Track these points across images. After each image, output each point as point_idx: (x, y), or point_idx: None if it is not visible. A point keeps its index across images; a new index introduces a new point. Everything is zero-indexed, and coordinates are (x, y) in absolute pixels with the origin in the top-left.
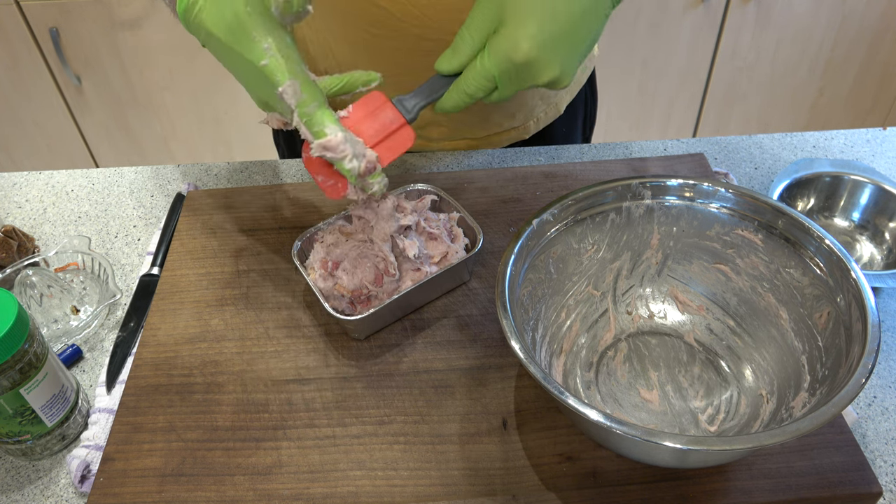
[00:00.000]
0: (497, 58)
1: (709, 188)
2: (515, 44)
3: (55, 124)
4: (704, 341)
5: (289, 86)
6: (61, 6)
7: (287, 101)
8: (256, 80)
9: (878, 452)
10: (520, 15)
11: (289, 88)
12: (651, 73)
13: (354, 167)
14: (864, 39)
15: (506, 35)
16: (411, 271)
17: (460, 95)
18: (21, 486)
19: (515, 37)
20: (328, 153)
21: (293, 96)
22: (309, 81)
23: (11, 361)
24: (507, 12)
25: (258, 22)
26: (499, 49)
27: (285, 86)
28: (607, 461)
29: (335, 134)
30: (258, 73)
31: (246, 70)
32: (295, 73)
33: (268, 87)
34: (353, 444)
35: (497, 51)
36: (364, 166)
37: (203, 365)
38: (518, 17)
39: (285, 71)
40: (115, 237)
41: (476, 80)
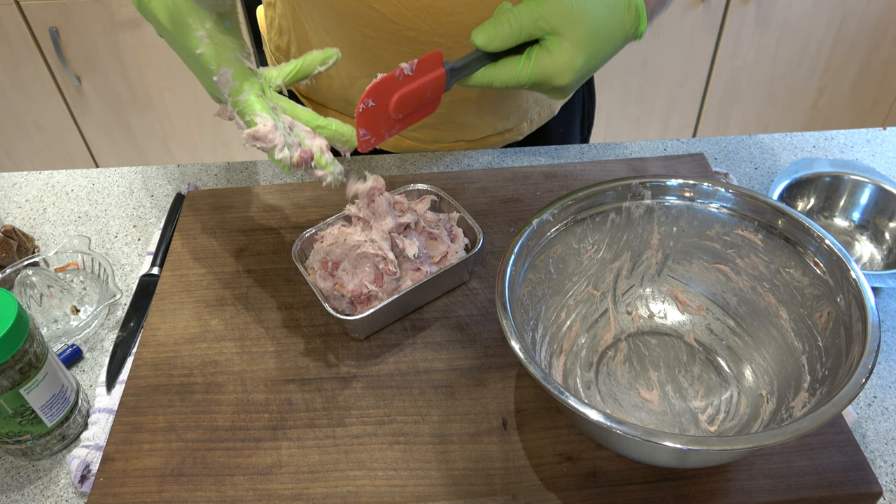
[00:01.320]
0: (539, 75)
1: (709, 188)
2: (562, 71)
3: (55, 124)
4: (704, 341)
5: (223, 73)
6: (61, 6)
7: (222, 90)
8: (198, 69)
9: (878, 452)
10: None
11: (222, 76)
12: (651, 73)
13: (285, 157)
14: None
15: (556, 59)
16: (411, 271)
17: (484, 82)
18: (21, 486)
19: (564, 65)
20: (258, 143)
21: (226, 85)
22: (243, 69)
23: (11, 361)
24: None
25: (194, 9)
26: (545, 68)
27: (220, 73)
28: (607, 461)
29: (264, 123)
30: (198, 64)
31: (189, 60)
32: (228, 61)
33: (208, 76)
34: (353, 444)
35: (542, 69)
36: (298, 156)
37: (203, 365)
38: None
39: (219, 59)
40: (115, 237)
41: (509, 80)
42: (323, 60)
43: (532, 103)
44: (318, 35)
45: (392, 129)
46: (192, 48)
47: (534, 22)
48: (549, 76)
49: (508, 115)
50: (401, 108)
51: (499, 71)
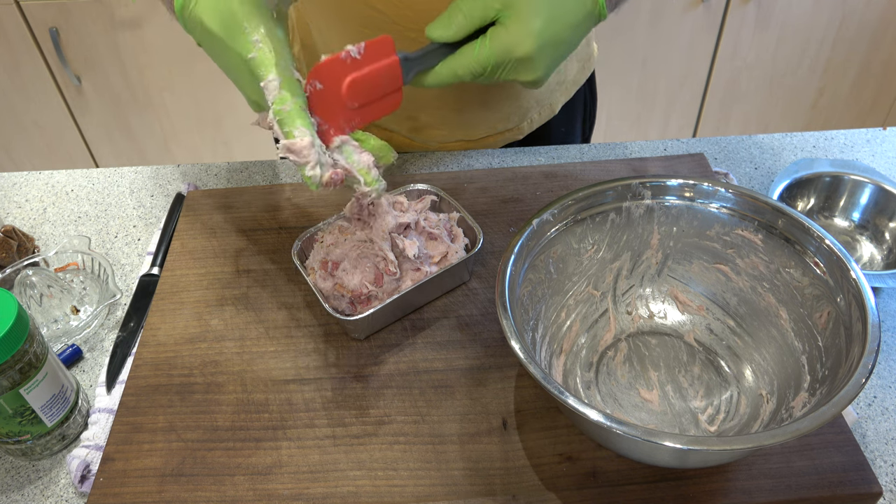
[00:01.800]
0: (497, 49)
1: (709, 188)
2: (519, 40)
3: (55, 124)
4: (704, 341)
5: (270, 80)
6: (61, 6)
7: (267, 96)
8: (245, 75)
9: (878, 452)
10: (527, 11)
11: (270, 84)
12: (651, 73)
13: (315, 175)
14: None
15: (511, 29)
16: (411, 271)
17: (448, 74)
18: (21, 486)
19: (520, 33)
20: (292, 156)
21: (272, 91)
22: (292, 80)
23: (11, 361)
24: (513, 7)
25: (251, 14)
26: (502, 42)
27: (267, 80)
28: (607, 461)
29: (302, 137)
30: (246, 69)
31: (236, 66)
32: (280, 69)
33: (255, 83)
34: (353, 444)
35: (499, 43)
36: (328, 177)
37: (203, 365)
38: (525, 13)
39: (270, 65)
40: (115, 237)
41: (470, 65)
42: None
43: (533, 103)
44: (322, 34)
45: (352, 120)
46: (245, 52)
47: (484, 2)
48: (508, 48)
49: (509, 115)
50: (355, 95)
51: (459, 59)
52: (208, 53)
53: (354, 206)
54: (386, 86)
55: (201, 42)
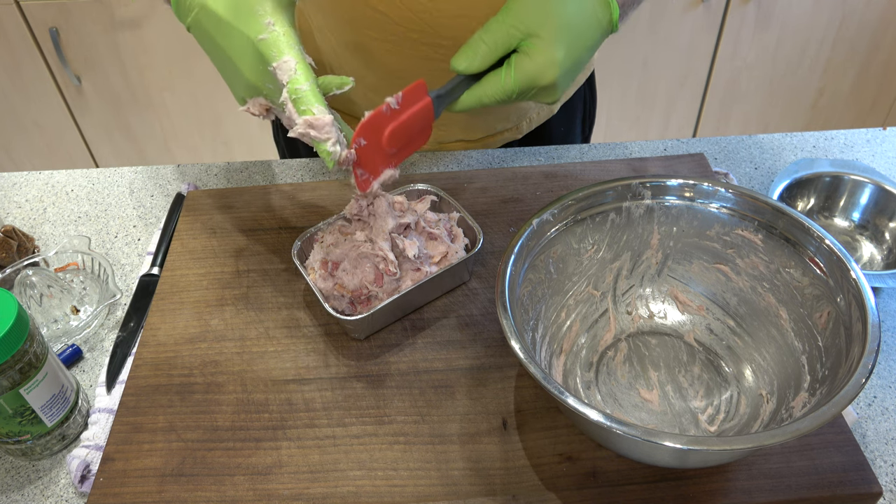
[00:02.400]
0: (522, 79)
1: (709, 188)
2: (544, 70)
3: (55, 124)
4: (704, 341)
5: (285, 61)
6: (61, 6)
7: (280, 76)
8: (248, 58)
9: (878, 452)
10: (550, 40)
11: (284, 64)
12: (651, 73)
13: (336, 152)
14: (864, 39)
15: (535, 59)
16: (411, 271)
17: (474, 101)
18: (21, 486)
19: (544, 62)
20: (313, 131)
21: (287, 72)
22: (306, 63)
23: (11, 361)
24: (537, 33)
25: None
26: (526, 72)
27: (281, 60)
28: (607, 461)
29: (324, 115)
30: (251, 51)
31: (240, 48)
32: (291, 51)
33: (259, 65)
34: (353, 444)
35: (524, 73)
36: (345, 155)
37: (203, 365)
38: (548, 42)
39: (285, 46)
40: (115, 237)
41: (497, 94)
42: (339, 85)
43: (532, 103)
44: (323, 35)
45: (389, 164)
46: (255, 34)
47: (507, 32)
48: (533, 78)
49: (508, 115)
50: (394, 141)
51: (484, 88)
52: (201, 36)
53: (354, 207)
54: (421, 126)
55: (196, 24)
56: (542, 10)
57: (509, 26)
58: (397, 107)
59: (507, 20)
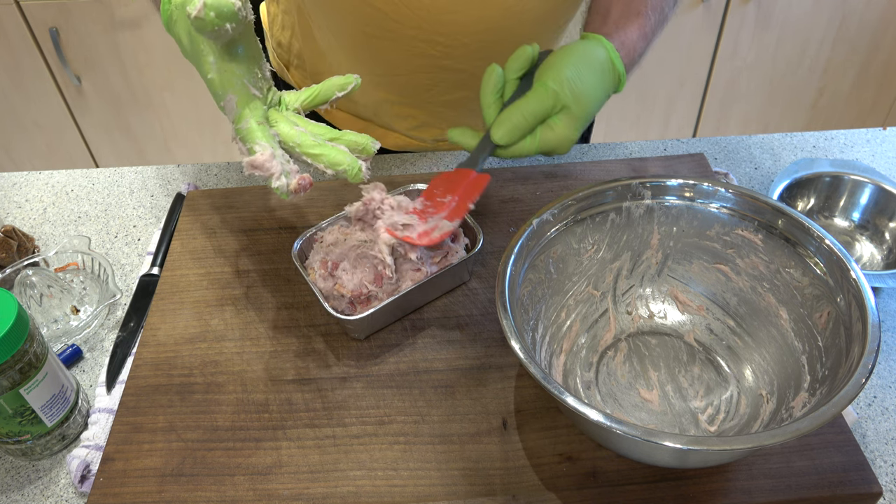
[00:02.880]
0: (545, 146)
1: (709, 188)
2: (563, 142)
3: (55, 124)
4: (704, 341)
5: (227, 101)
6: (61, 6)
7: (227, 115)
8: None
9: (878, 452)
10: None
11: (227, 104)
12: (651, 72)
13: (282, 185)
14: (864, 39)
15: (558, 132)
16: (411, 271)
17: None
18: (21, 486)
19: (565, 136)
20: (256, 171)
21: (231, 111)
22: (247, 95)
23: (11, 361)
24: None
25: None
26: (548, 142)
27: (226, 100)
28: (607, 461)
29: (263, 151)
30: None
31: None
32: (234, 88)
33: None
34: (353, 444)
35: (546, 143)
36: (296, 183)
37: (203, 365)
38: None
39: (228, 83)
40: (115, 237)
41: (517, 155)
42: (342, 86)
43: None
44: (321, 32)
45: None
46: (205, 74)
47: (546, 112)
48: (552, 148)
49: None
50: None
51: (509, 152)
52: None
53: (360, 210)
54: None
55: (186, 57)
56: (579, 94)
57: (548, 104)
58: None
59: (547, 99)
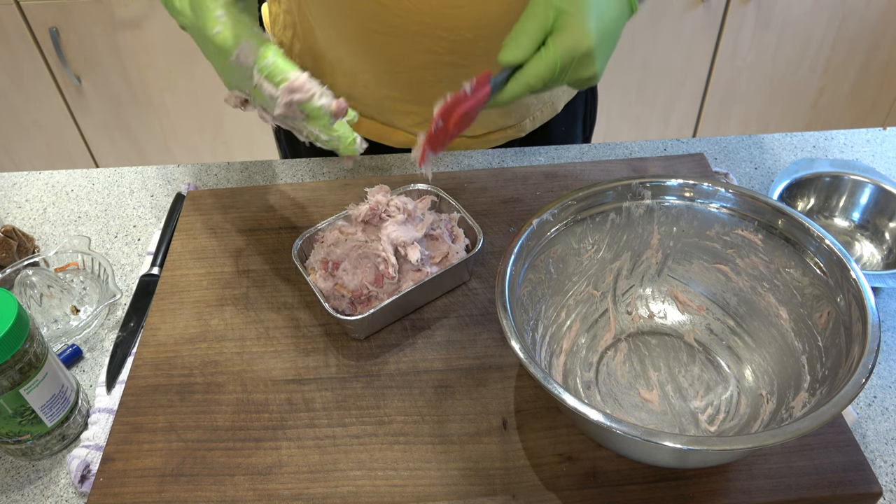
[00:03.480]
0: (563, 50)
1: (709, 188)
2: (580, 38)
3: (55, 124)
4: (704, 341)
5: (243, 47)
6: (61, 6)
7: (243, 62)
8: (216, 52)
9: (878, 452)
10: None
11: (244, 49)
12: (651, 73)
13: (325, 104)
14: (864, 39)
15: (570, 31)
16: (412, 271)
17: (520, 86)
18: (21, 486)
19: (579, 31)
20: (296, 94)
21: (250, 55)
22: (263, 39)
23: (11, 361)
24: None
25: None
26: (565, 43)
27: (240, 48)
28: (607, 461)
29: (299, 75)
30: (213, 48)
31: (209, 46)
32: (248, 35)
33: (224, 58)
34: (353, 444)
35: (563, 45)
36: (336, 105)
37: (203, 365)
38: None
39: (241, 33)
40: (115, 237)
41: (541, 71)
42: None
43: (534, 99)
44: (323, 29)
45: (446, 145)
46: (209, 29)
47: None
48: (572, 48)
49: (510, 112)
50: (460, 125)
51: (529, 69)
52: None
53: (368, 214)
54: (476, 113)
55: (184, 27)
56: None
57: (542, 9)
58: (469, 92)
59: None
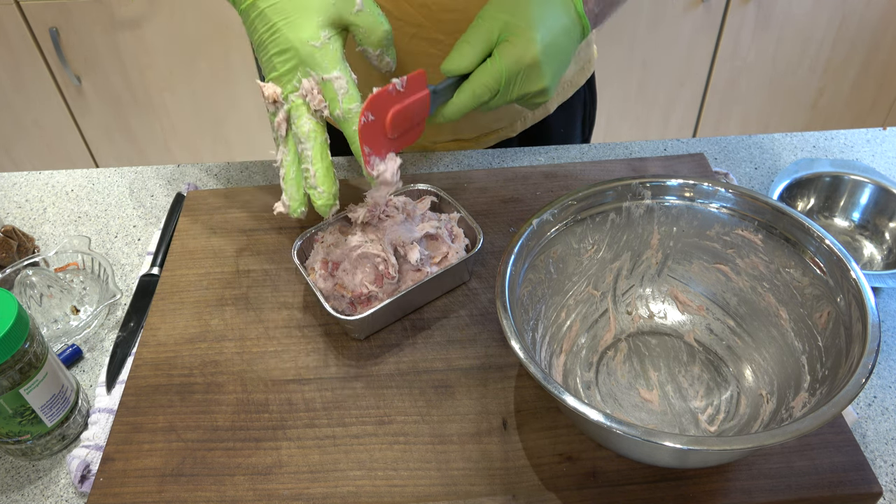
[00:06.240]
0: (508, 61)
1: (709, 188)
2: (525, 49)
3: (55, 124)
4: (704, 341)
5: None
6: (61, 6)
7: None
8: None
9: (878, 452)
10: (524, 25)
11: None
12: (651, 73)
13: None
14: (864, 39)
15: (515, 42)
16: (412, 271)
17: (468, 97)
18: (21, 486)
19: (524, 43)
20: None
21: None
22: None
23: (11, 361)
24: (512, 23)
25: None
26: (510, 54)
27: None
28: (607, 461)
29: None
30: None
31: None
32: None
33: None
34: (353, 444)
35: (508, 54)
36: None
37: (203, 365)
38: (523, 27)
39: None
40: (115, 237)
41: (486, 81)
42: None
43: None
44: None
45: (390, 149)
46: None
47: (486, 28)
48: (518, 58)
49: (501, 116)
50: (396, 125)
51: (475, 79)
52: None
53: (367, 216)
54: (417, 117)
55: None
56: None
57: (487, 22)
58: (402, 90)
59: (484, 18)
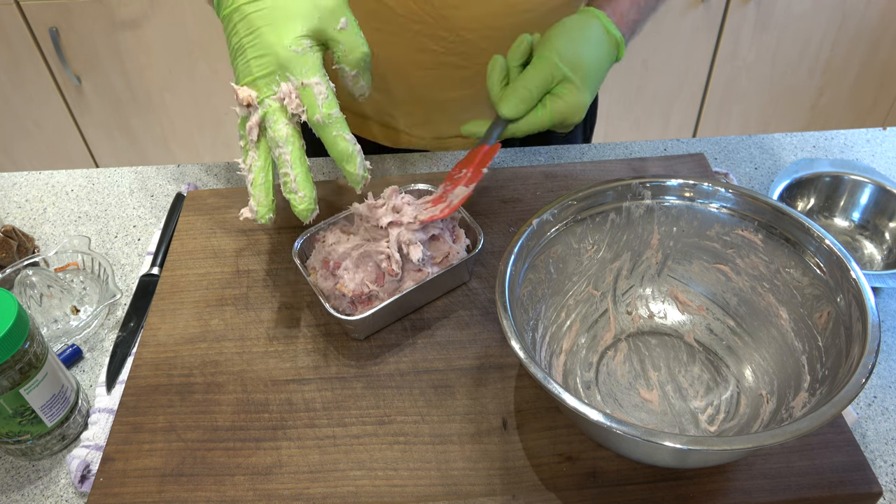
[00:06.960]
0: (556, 118)
1: (709, 188)
2: (574, 112)
3: (55, 124)
4: (704, 341)
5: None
6: (61, 6)
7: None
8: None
9: (878, 452)
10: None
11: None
12: (651, 73)
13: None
14: (864, 39)
15: (567, 101)
16: (412, 272)
17: (507, 133)
18: (21, 486)
19: (575, 105)
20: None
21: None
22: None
23: (11, 361)
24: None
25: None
26: (559, 112)
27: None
28: (607, 461)
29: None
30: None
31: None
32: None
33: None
34: (353, 444)
35: (557, 113)
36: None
37: (203, 365)
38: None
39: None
40: (115, 237)
41: (530, 129)
42: None
43: None
44: None
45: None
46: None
47: (545, 79)
48: (565, 118)
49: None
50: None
51: (522, 126)
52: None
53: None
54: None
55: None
56: (577, 60)
57: (547, 73)
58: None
59: (545, 64)
